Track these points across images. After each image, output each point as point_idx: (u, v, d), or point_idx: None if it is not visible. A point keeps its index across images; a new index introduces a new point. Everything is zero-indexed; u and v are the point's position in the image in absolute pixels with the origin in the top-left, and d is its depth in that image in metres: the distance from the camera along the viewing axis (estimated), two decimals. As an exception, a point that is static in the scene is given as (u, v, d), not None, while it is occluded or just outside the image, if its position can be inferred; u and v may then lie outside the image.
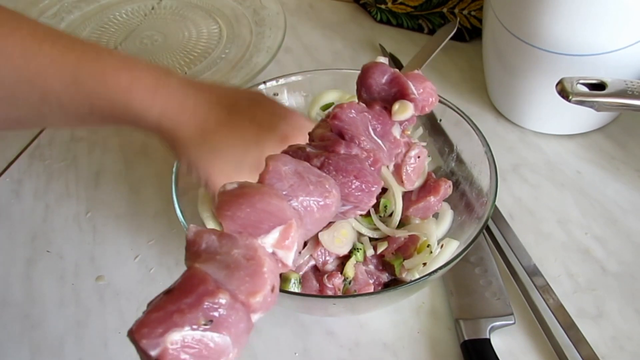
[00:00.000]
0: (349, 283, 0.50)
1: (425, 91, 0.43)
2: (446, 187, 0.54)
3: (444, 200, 0.55)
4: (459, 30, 0.81)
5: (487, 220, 0.48)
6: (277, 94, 0.63)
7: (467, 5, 0.79)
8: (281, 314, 0.53)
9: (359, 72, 0.60)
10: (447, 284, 0.54)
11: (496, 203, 0.59)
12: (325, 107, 0.62)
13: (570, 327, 0.49)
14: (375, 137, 0.40)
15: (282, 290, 0.47)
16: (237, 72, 0.76)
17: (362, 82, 0.43)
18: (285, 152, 0.36)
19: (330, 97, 0.62)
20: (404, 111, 0.41)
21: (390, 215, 0.55)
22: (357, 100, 0.43)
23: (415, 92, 0.42)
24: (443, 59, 0.79)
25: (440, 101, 0.57)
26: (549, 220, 0.59)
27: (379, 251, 0.52)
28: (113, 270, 0.57)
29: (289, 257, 0.30)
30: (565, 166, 0.64)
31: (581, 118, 0.65)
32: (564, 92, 0.47)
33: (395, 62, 0.78)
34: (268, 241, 0.29)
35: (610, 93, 0.47)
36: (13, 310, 0.55)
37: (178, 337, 0.24)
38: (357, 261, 0.51)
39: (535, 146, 0.67)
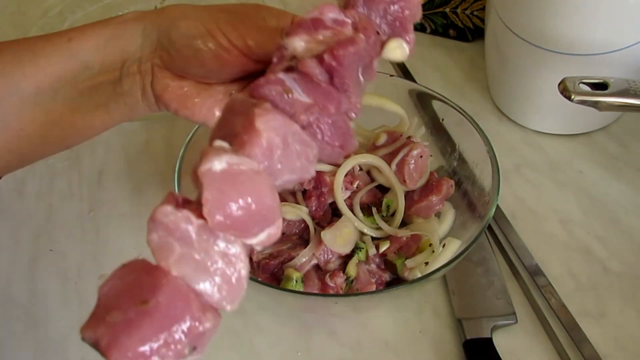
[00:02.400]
0: (351, 282, 0.50)
1: (419, 5, 0.36)
2: (448, 187, 0.55)
3: (446, 200, 0.55)
4: (461, 30, 0.81)
5: (489, 220, 0.48)
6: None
7: (469, 5, 0.79)
8: (284, 313, 0.53)
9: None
10: (449, 284, 0.54)
11: (498, 202, 0.59)
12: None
13: (572, 327, 0.50)
14: (361, 77, 0.34)
15: (285, 289, 0.48)
16: (239, 72, 0.76)
17: None
18: (269, 96, 0.30)
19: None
20: (399, 54, 0.35)
21: (393, 214, 0.55)
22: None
23: (411, 30, 0.36)
24: (445, 58, 0.79)
25: (443, 101, 0.57)
26: (551, 220, 0.59)
27: (381, 250, 0.52)
28: (116, 269, 0.58)
29: (261, 247, 0.27)
30: (568, 166, 0.64)
31: (583, 118, 0.65)
32: (566, 91, 0.47)
33: (398, 63, 0.78)
34: (253, 242, 0.27)
35: (612, 93, 0.47)
36: (16, 309, 0.55)
37: None
38: (359, 260, 0.51)
39: (537, 146, 0.67)
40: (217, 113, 0.42)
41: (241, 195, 0.25)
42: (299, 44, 0.32)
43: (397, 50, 0.35)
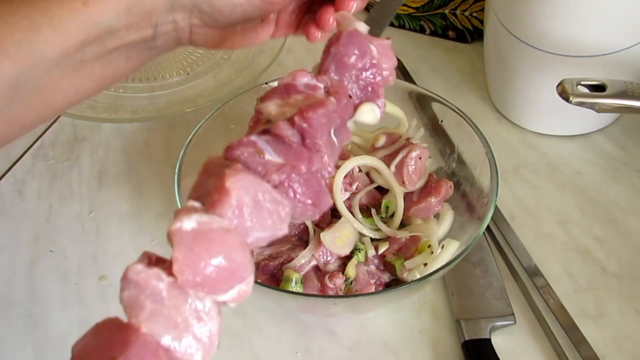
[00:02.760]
0: (351, 283, 0.50)
1: (390, 71, 0.38)
2: (447, 188, 0.55)
3: (445, 201, 0.55)
4: (460, 32, 0.81)
5: (487, 221, 0.48)
6: (279, 95, 0.63)
7: (468, 7, 0.79)
8: (283, 314, 0.53)
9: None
10: (448, 284, 0.54)
11: (497, 204, 0.59)
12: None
13: (570, 327, 0.50)
14: (334, 137, 0.35)
15: (284, 290, 0.48)
16: (239, 73, 0.76)
17: (336, 58, 0.36)
18: (241, 158, 0.31)
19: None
20: (370, 117, 0.37)
21: (392, 215, 0.55)
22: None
23: (382, 95, 0.37)
24: (444, 60, 0.80)
25: (441, 102, 0.58)
26: (549, 221, 0.59)
27: (380, 251, 0.52)
28: (116, 270, 0.58)
29: (235, 304, 0.28)
30: (566, 167, 0.64)
31: (582, 119, 0.66)
32: (564, 93, 0.47)
33: (397, 66, 0.78)
34: (224, 298, 0.27)
35: (610, 94, 0.47)
36: (17, 309, 0.55)
37: None
38: (358, 261, 0.51)
39: (536, 147, 0.67)
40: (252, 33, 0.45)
41: (211, 254, 0.26)
42: (272, 108, 0.33)
43: (369, 113, 0.36)
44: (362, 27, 0.38)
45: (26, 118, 0.39)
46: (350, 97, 0.36)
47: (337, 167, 0.54)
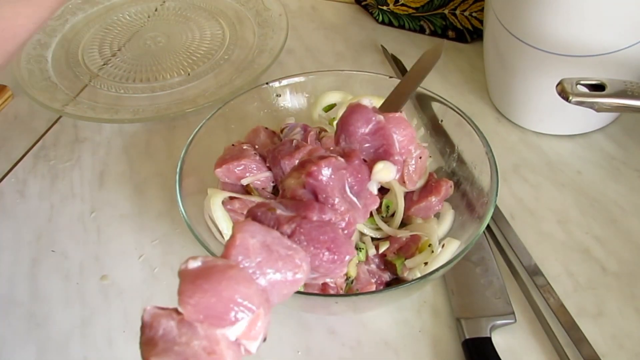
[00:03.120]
0: (351, 282, 0.51)
1: (407, 139, 0.41)
2: (447, 187, 0.55)
3: (445, 201, 0.55)
4: (460, 32, 0.82)
5: (487, 220, 0.48)
6: (280, 95, 0.63)
7: (468, 7, 0.79)
8: (284, 313, 0.53)
9: (361, 73, 0.61)
10: (448, 283, 0.54)
11: (497, 203, 0.59)
12: (327, 108, 0.63)
13: (570, 326, 0.50)
14: (351, 196, 0.37)
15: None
16: (240, 74, 0.77)
17: (343, 128, 0.40)
18: (253, 213, 0.33)
19: (333, 98, 0.62)
20: (387, 174, 0.39)
21: (392, 215, 0.55)
22: (334, 132, 0.41)
23: (398, 148, 0.40)
24: (444, 60, 0.80)
25: (442, 102, 0.58)
26: (549, 220, 0.59)
27: (380, 251, 0.53)
28: (117, 270, 0.58)
29: (254, 345, 0.28)
30: (566, 166, 0.65)
31: (581, 119, 0.66)
32: (564, 92, 0.48)
33: (397, 63, 0.78)
34: (233, 332, 0.27)
35: (609, 94, 0.47)
36: (19, 309, 0.55)
37: None
38: (359, 261, 0.52)
39: (535, 146, 0.67)
40: None
41: (212, 285, 0.27)
42: (292, 182, 0.36)
43: (384, 171, 0.39)
44: (365, 101, 0.42)
45: None
46: (365, 161, 0.39)
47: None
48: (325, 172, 0.35)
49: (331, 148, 0.40)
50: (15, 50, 0.51)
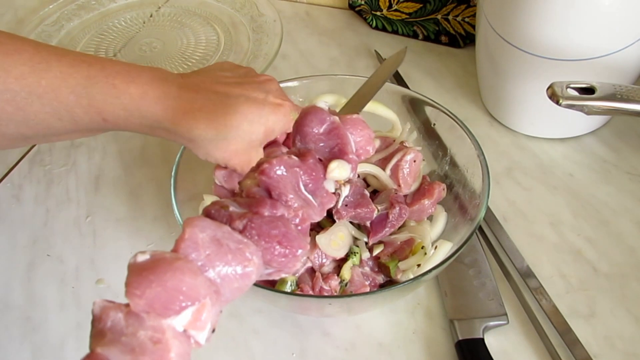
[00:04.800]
0: (346, 285, 0.51)
1: (364, 139, 0.42)
2: (440, 190, 0.55)
3: (438, 203, 0.56)
4: (453, 37, 0.82)
5: (479, 222, 0.49)
6: (274, 100, 0.63)
7: (460, 12, 0.80)
8: (278, 315, 0.54)
9: (354, 77, 0.61)
10: (441, 285, 0.55)
11: (490, 206, 0.60)
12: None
13: (562, 327, 0.50)
14: (306, 193, 0.38)
15: (279, 291, 0.48)
16: (234, 78, 0.77)
17: (298, 129, 0.41)
18: (207, 211, 0.34)
19: (327, 101, 0.63)
20: (341, 172, 0.40)
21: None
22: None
23: (354, 148, 0.41)
24: (437, 64, 0.80)
25: (434, 106, 0.58)
26: (541, 223, 0.60)
27: (374, 253, 0.53)
28: (113, 274, 0.58)
29: (201, 336, 0.29)
30: (558, 169, 0.65)
31: (573, 122, 0.66)
32: (554, 96, 0.48)
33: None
34: (179, 321, 0.28)
35: (599, 97, 0.48)
36: (14, 313, 0.55)
37: None
38: (353, 264, 0.52)
39: (528, 150, 0.68)
40: None
41: (157, 276, 0.27)
42: (249, 182, 0.37)
43: (337, 169, 0.40)
44: (321, 103, 0.43)
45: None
46: (320, 160, 0.40)
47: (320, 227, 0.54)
48: (277, 170, 0.36)
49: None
50: None
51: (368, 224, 0.52)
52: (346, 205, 0.51)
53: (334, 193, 0.41)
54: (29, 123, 0.45)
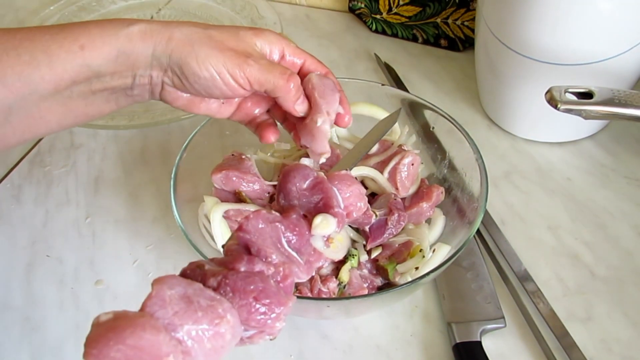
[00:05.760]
0: (344, 287, 0.51)
1: (353, 194, 0.41)
2: (438, 194, 0.56)
3: (436, 206, 0.56)
4: (452, 40, 0.83)
5: (477, 225, 0.49)
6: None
7: (460, 16, 0.80)
8: (277, 318, 0.54)
9: (354, 80, 0.61)
10: (439, 288, 0.55)
11: (488, 209, 0.60)
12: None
13: (559, 330, 0.50)
14: (289, 250, 0.37)
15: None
16: (234, 81, 0.77)
17: (281, 187, 0.40)
18: (183, 271, 0.33)
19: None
20: (325, 227, 0.39)
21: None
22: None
23: (340, 203, 0.40)
24: (436, 68, 0.81)
25: (433, 109, 0.59)
26: (539, 226, 0.60)
27: (373, 256, 0.53)
28: (112, 275, 0.58)
29: None
30: (556, 173, 0.65)
31: (571, 126, 0.67)
32: (552, 100, 0.48)
33: (389, 71, 0.79)
34: None
35: (597, 101, 0.48)
36: (13, 314, 0.56)
37: None
38: (352, 267, 0.52)
39: (526, 153, 0.68)
40: (216, 105, 0.50)
41: (116, 334, 0.27)
42: (228, 242, 0.36)
43: (322, 223, 0.39)
44: (306, 161, 0.44)
45: (9, 139, 0.44)
46: (305, 216, 0.39)
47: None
48: (254, 224, 0.35)
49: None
50: None
51: (367, 228, 0.52)
52: None
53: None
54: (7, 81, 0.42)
